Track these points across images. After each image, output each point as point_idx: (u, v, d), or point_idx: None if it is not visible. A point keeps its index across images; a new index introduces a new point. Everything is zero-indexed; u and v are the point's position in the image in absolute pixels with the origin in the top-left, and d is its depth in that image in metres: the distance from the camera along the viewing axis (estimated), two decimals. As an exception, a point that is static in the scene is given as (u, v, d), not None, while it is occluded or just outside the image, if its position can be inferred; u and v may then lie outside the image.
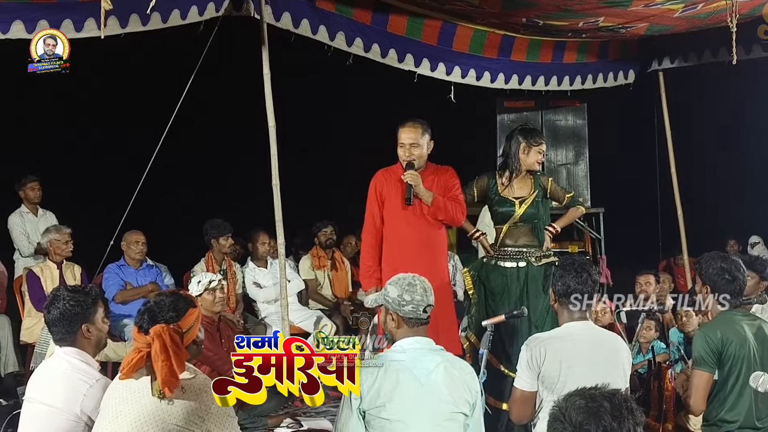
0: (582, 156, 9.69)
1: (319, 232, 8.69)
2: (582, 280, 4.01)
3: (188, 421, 3.14)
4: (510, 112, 9.55)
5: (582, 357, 3.87)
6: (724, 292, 4.33)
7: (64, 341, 3.69)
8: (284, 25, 6.87)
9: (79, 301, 3.68)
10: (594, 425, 2.26)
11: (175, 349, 3.18)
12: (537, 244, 5.74)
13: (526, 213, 5.72)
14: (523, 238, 5.74)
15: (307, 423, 6.13)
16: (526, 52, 8.47)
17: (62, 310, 3.66)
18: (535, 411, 3.97)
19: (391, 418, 3.35)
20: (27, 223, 7.78)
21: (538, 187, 5.77)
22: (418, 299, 3.55)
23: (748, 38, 7.71)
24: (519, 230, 5.75)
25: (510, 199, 5.76)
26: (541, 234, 5.75)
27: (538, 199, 5.75)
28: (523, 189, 5.78)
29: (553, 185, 5.86)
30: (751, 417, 4.20)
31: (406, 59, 7.72)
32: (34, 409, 3.62)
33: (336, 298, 8.56)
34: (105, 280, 7.22)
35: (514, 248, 5.73)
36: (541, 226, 5.76)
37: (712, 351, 4.21)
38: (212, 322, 6.07)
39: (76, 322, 3.66)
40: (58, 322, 3.67)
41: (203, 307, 6.01)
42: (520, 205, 5.72)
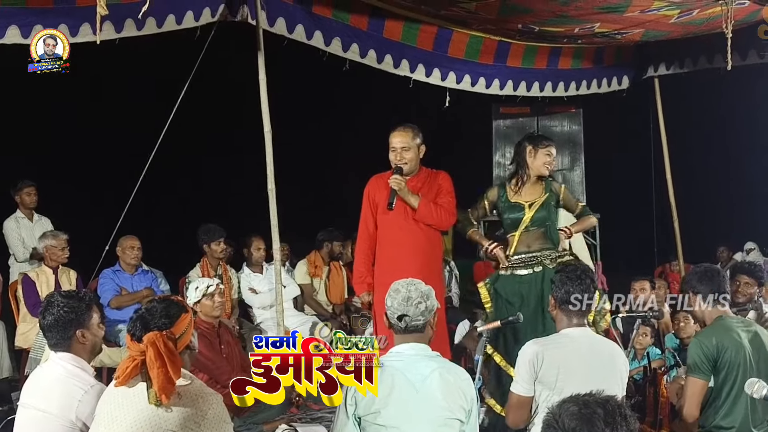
0: (578, 162, 9.70)
1: (333, 243, 8.61)
2: (583, 287, 4.01)
3: (184, 426, 3.13)
4: (506, 117, 9.57)
5: (579, 363, 3.87)
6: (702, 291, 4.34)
7: (59, 346, 3.67)
8: (278, 31, 6.87)
9: (73, 306, 3.67)
10: (586, 431, 2.26)
11: (170, 356, 3.16)
12: (551, 246, 5.63)
13: (537, 216, 5.61)
14: (536, 243, 5.63)
15: (302, 429, 6.12)
16: (521, 58, 8.49)
17: (56, 315, 3.65)
18: (531, 416, 3.97)
19: (386, 424, 3.35)
20: (22, 229, 7.77)
21: (549, 191, 5.69)
22: (395, 306, 3.55)
23: (744, 44, 7.72)
24: (531, 235, 5.64)
25: (520, 203, 5.67)
26: (555, 235, 5.66)
27: (550, 202, 5.68)
28: (534, 194, 5.69)
29: (567, 193, 5.81)
30: (746, 424, 4.20)
31: (401, 65, 7.73)
32: (29, 415, 3.60)
33: (331, 304, 8.54)
34: (100, 285, 7.20)
35: (528, 254, 5.62)
36: (553, 227, 5.67)
37: (708, 358, 4.21)
38: (212, 328, 6.04)
39: (71, 327, 3.65)
40: (53, 327, 3.66)
41: (203, 313, 5.99)
42: (530, 207, 5.63)
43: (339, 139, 11.08)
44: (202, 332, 5.89)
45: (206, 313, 6.00)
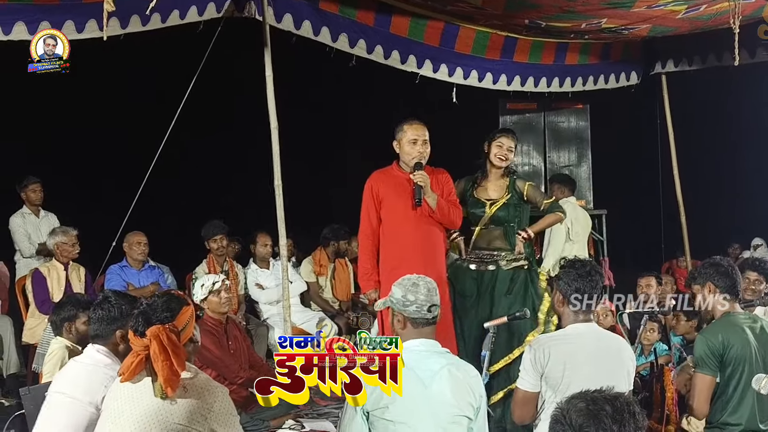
0: (585, 158, 9.67)
1: (340, 242, 8.58)
2: (588, 282, 3.99)
3: (191, 420, 3.14)
4: (512, 113, 9.54)
5: (586, 359, 3.86)
6: (721, 287, 4.33)
7: (98, 339, 3.84)
8: (285, 27, 6.89)
9: (123, 307, 3.85)
10: (594, 428, 2.25)
11: (174, 348, 3.17)
12: (509, 247, 5.69)
13: (496, 215, 5.67)
14: (495, 241, 5.70)
15: (309, 425, 6.12)
16: (528, 53, 8.48)
17: (107, 311, 3.85)
18: (538, 412, 3.96)
19: (394, 420, 3.35)
20: (29, 225, 7.77)
21: (513, 191, 5.72)
22: (422, 299, 3.53)
23: (752, 42, 7.70)
24: (491, 233, 5.71)
25: (482, 200, 5.73)
26: (512, 237, 5.70)
27: (511, 202, 5.70)
28: (497, 191, 5.74)
29: (531, 189, 5.79)
30: (754, 419, 4.19)
31: (408, 60, 7.74)
32: (56, 401, 3.71)
33: (337, 300, 8.54)
34: (107, 281, 7.22)
35: (486, 251, 5.71)
36: (511, 229, 5.70)
37: (714, 354, 4.20)
38: (220, 324, 6.06)
39: (115, 325, 3.83)
40: (101, 320, 3.85)
41: (210, 310, 6.01)
42: (491, 206, 5.68)
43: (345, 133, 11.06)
44: (209, 329, 5.91)
45: (213, 309, 6.01)
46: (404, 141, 5.51)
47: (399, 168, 5.59)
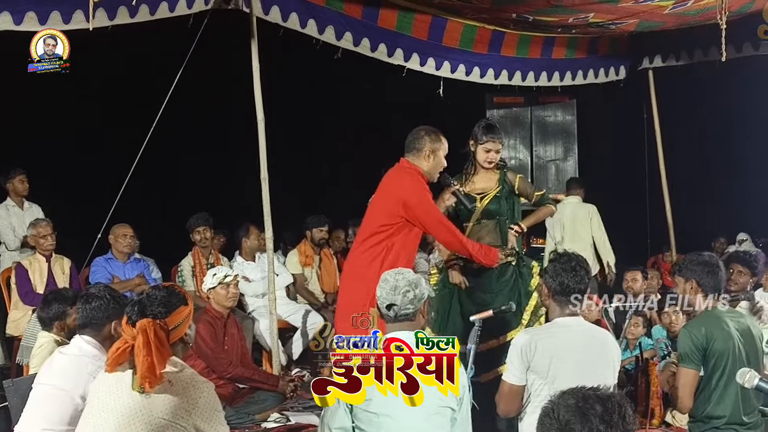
0: (571, 152, 9.70)
1: (314, 229, 8.52)
2: (577, 278, 4.00)
3: (175, 414, 3.12)
4: (499, 107, 9.56)
5: (572, 352, 3.87)
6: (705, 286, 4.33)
7: (87, 329, 3.85)
8: (273, 19, 6.88)
9: (119, 302, 3.88)
10: (579, 425, 2.23)
11: (158, 346, 3.14)
12: (501, 243, 5.49)
13: (487, 209, 5.51)
14: (487, 236, 5.50)
15: (294, 417, 6.13)
16: (515, 47, 8.49)
17: (101, 304, 3.86)
18: (523, 405, 3.97)
19: (378, 412, 3.35)
20: (13, 217, 7.71)
21: (504, 183, 5.57)
22: (383, 296, 3.58)
23: (739, 37, 7.73)
24: (483, 228, 5.53)
25: (472, 195, 5.54)
26: (505, 231, 5.52)
27: (502, 195, 5.55)
28: (487, 184, 5.58)
29: (521, 182, 5.65)
30: (737, 412, 4.21)
31: (395, 53, 7.73)
32: (43, 392, 3.72)
33: (324, 293, 8.53)
34: (92, 273, 7.19)
35: None
36: (503, 223, 5.54)
37: (697, 348, 4.22)
38: (220, 317, 6.09)
39: (109, 318, 3.84)
40: (95, 310, 3.86)
41: (214, 300, 6.05)
42: (481, 200, 5.53)
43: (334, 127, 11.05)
44: (209, 319, 5.95)
45: (218, 301, 6.06)
46: (440, 152, 5.25)
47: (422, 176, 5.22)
